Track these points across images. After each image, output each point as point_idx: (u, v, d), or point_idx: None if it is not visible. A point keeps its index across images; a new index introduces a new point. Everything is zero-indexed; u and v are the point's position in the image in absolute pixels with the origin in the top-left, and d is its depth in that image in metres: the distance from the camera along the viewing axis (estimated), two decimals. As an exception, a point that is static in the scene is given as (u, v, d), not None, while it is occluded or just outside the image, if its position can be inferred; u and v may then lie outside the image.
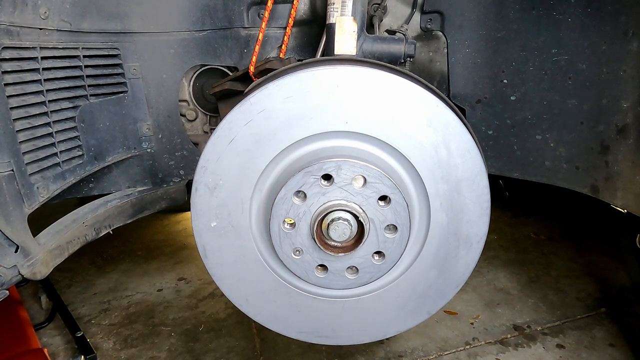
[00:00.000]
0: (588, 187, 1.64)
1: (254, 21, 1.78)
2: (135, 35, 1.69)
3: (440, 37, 1.79)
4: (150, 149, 1.85)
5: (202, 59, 1.80)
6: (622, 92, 1.48)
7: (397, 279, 1.32)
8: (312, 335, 1.41)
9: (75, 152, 1.55)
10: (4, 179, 1.22)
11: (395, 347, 2.38)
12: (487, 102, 1.78)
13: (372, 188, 1.11)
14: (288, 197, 1.13)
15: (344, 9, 1.46)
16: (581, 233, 3.43)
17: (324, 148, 1.18)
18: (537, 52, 1.63)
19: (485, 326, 2.52)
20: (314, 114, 1.15)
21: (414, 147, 1.17)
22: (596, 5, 1.49)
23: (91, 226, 1.66)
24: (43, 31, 1.36)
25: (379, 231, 1.16)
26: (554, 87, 1.63)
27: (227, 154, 1.18)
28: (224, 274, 1.30)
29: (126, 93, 1.73)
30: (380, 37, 1.58)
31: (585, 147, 1.61)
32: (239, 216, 1.23)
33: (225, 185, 1.21)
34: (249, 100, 1.14)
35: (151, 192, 1.89)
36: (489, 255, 3.19)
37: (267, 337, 2.47)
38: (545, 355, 2.30)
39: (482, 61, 1.73)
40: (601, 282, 2.87)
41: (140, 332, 2.58)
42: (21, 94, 1.30)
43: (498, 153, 1.81)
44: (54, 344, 2.49)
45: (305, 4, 1.76)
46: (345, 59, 1.29)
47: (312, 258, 1.20)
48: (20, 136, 1.29)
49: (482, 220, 1.25)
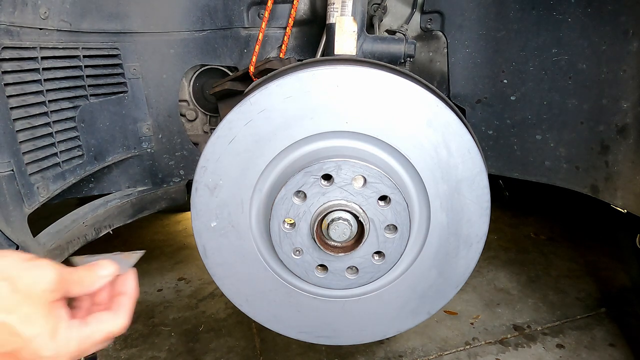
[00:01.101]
0: (588, 187, 1.64)
1: (254, 21, 1.77)
2: (135, 35, 1.69)
3: (440, 37, 1.79)
4: (150, 149, 1.85)
5: (202, 59, 1.80)
6: (622, 92, 1.48)
7: (397, 279, 1.32)
8: (312, 335, 1.41)
9: (75, 152, 1.55)
10: (4, 179, 1.22)
11: (395, 347, 2.38)
12: (487, 102, 1.78)
13: (372, 188, 1.11)
14: (288, 197, 1.13)
15: (344, 9, 1.46)
16: (581, 233, 3.43)
17: (324, 148, 1.18)
18: (537, 52, 1.63)
19: (485, 326, 2.52)
20: (314, 114, 1.15)
21: (414, 147, 1.17)
22: (596, 5, 1.49)
23: (91, 226, 1.66)
24: (43, 31, 1.36)
25: (379, 231, 1.16)
26: (554, 87, 1.63)
27: (227, 154, 1.18)
28: (224, 274, 1.30)
29: (126, 93, 1.73)
30: (380, 37, 1.58)
31: (585, 147, 1.61)
32: (239, 216, 1.23)
33: (225, 185, 1.21)
34: (249, 100, 1.14)
35: (151, 192, 1.89)
36: (489, 255, 3.19)
37: (267, 337, 2.47)
38: (545, 355, 2.30)
39: (482, 61, 1.73)
40: (601, 282, 2.87)
41: (140, 332, 2.58)
42: (21, 94, 1.29)
43: (498, 153, 1.81)
44: (54, 344, 2.49)
45: (305, 4, 1.76)
46: (345, 59, 1.29)
47: (312, 258, 1.20)
48: (20, 136, 1.29)
49: (482, 220, 1.25)
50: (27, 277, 0.67)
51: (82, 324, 0.73)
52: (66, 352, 0.70)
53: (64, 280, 0.71)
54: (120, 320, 0.79)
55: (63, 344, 0.69)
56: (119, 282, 0.84)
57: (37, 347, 0.66)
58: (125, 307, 0.81)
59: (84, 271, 0.78)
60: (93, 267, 0.80)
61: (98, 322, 0.75)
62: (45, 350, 0.67)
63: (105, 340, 0.77)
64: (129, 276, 0.86)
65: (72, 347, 0.70)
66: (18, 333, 0.64)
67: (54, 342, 0.68)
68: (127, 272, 0.87)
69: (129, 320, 0.80)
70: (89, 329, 0.74)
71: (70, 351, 0.70)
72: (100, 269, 0.80)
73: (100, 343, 0.76)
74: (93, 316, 0.76)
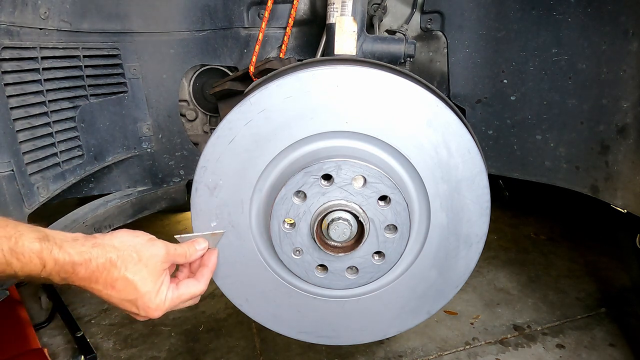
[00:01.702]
0: (588, 187, 1.64)
1: (254, 21, 1.77)
2: (135, 35, 1.69)
3: (440, 37, 1.79)
4: (150, 149, 1.85)
5: (202, 59, 1.80)
6: (622, 92, 1.48)
7: (397, 279, 1.32)
8: (312, 335, 1.41)
9: (75, 152, 1.55)
10: (4, 179, 1.22)
11: (395, 347, 2.38)
12: (487, 102, 1.78)
13: (372, 188, 1.11)
14: (288, 197, 1.13)
15: (344, 9, 1.46)
16: (581, 233, 3.43)
17: (324, 148, 1.18)
18: (537, 52, 1.63)
19: (485, 326, 2.52)
20: (314, 114, 1.15)
21: (414, 147, 1.17)
22: (596, 5, 1.49)
23: (91, 226, 1.66)
24: (43, 31, 1.36)
25: (379, 231, 1.16)
26: (554, 87, 1.63)
27: (227, 154, 1.18)
28: (224, 274, 1.30)
29: (126, 93, 1.73)
30: (380, 37, 1.57)
31: (585, 147, 1.61)
32: (239, 216, 1.23)
33: (225, 185, 1.21)
34: (249, 100, 1.14)
35: (151, 192, 1.89)
36: (489, 255, 3.19)
37: (267, 337, 2.47)
38: (545, 355, 2.31)
39: (482, 61, 1.73)
40: (601, 282, 2.87)
41: (140, 332, 2.58)
42: (21, 94, 1.30)
43: (498, 153, 1.81)
44: (54, 344, 2.49)
45: (305, 4, 1.76)
46: (346, 59, 1.29)
47: (312, 258, 1.20)
48: (20, 136, 1.29)
49: (482, 220, 1.25)
50: (148, 252, 0.98)
51: (176, 288, 1.04)
52: (163, 306, 1.01)
53: (171, 255, 1.03)
54: (201, 286, 1.09)
55: (162, 300, 1.00)
56: (205, 256, 1.14)
57: (147, 299, 0.98)
58: (206, 277, 1.12)
59: (186, 247, 1.09)
60: (192, 244, 1.11)
61: (186, 287, 1.07)
62: (151, 302, 0.99)
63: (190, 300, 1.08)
64: (213, 252, 1.16)
65: (168, 302, 1.02)
66: (137, 289, 0.96)
67: (157, 297, 0.99)
68: (213, 249, 1.16)
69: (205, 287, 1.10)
70: (180, 291, 1.05)
71: (167, 306, 1.02)
72: (197, 244, 1.12)
73: (187, 302, 1.08)
74: (182, 282, 1.07)
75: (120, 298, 0.96)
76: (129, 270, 0.95)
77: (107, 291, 0.94)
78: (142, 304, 0.98)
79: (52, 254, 0.86)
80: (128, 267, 0.95)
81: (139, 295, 0.96)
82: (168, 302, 1.02)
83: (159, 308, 1.00)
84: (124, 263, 0.94)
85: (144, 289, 0.97)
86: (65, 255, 0.88)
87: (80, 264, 0.89)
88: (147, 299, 0.97)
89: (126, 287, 0.95)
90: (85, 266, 0.90)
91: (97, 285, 0.93)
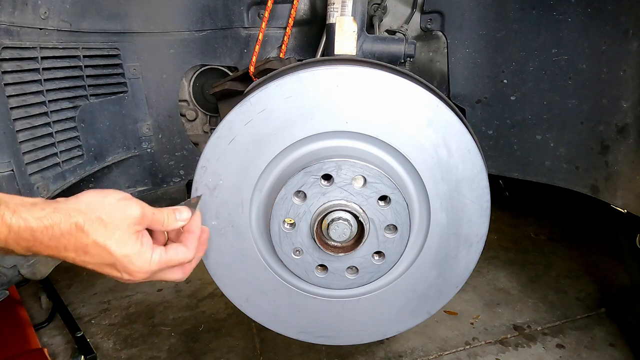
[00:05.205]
0: (588, 187, 1.64)
1: (254, 21, 1.77)
2: (135, 35, 1.69)
3: (440, 37, 1.79)
4: (150, 149, 1.85)
5: (202, 59, 1.80)
6: (622, 92, 1.48)
7: (397, 279, 1.32)
8: (312, 335, 1.41)
9: (75, 152, 1.55)
10: (4, 179, 1.22)
11: (395, 347, 2.38)
12: (487, 102, 1.78)
13: (372, 188, 1.12)
14: (288, 197, 1.13)
15: (344, 9, 1.46)
16: (581, 233, 3.43)
17: (324, 148, 1.18)
18: (537, 52, 1.63)
19: (485, 326, 2.52)
20: (314, 113, 1.15)
21: (414, 147, 1.17)
22: (596, 5, 1.49)
23: (91, 226, 1.65)
24: (43, 31, 1.36)
25: (379, 231, 1.16)
26: (554, 87, 1.63)
27: (227, 154, 1.18)
28: (224, 274, 1.30)
29: (126, 93, 1.73)
30: (380, 37, 1.57)
31: (585, 147, 1.61)
32: (239, 216, 1.23)
33: (225, 185, 1.21)
34: (249, 100, 1.14)
35: (151, 192, 1.89)
36: (489, 255, 3.19)
37: (267, 337, 2.47)
38: (545, 355, 2.31)
39: (482, 61, 1.73)
40: (601, 282, 2.87)
41: (140, 332, 2.58)
42: (21, 94, 1.29)
43: (498, 153, 1.81)
44: (54, 344, 2.49)
45: (305, 4, 1.75)
46: (346, 59, 1.29)
47: (312, 258, 1.20)
48: (20, 136, 1.29)
49: (482, 220, 1.25)
50: (119, 213, 0.90)
51: (164, 251, 0.96)
52: (148, 269, 0.93)
53: (146, 217, 0.94)
54: (190, 254, 1.01)
55: (146, 261, 0.92)
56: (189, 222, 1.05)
57: (127, 262, 0.90)
58: (193, 244, 1.03)
59: (165, 213, 1.00)
60: (173, 212, 1.02)
61: (175, 251, 0.98)
62: (132, 265, 0.91)
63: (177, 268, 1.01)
64: (197, 216, 1.08)
65: (154, 266, 0.94)
66: (112, 253, 0.88)
67: (140, 259, 0.91)
68: (196, 213, 1.07)
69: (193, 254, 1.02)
70: (168, 255, 0.96)
71: (152, 269, 0.94)
72: (179, 213, 1.02)
73: (174, 270, 1.01)
74: (171, 246, 0.99)
75: (97, 263, 0.90)
76: (99, 234, 0.87)
77: (82, 258, 0.88)
78: (122, 266, 0.91)
79: (4, 219, 0.79)
80: (97, 230, 0.87)
81: (116, 259, 0.89)
82: (155, 265, 0.94)
83: (143, 270, 0.92)
84: (92, 227, 0.86)
85: (121, 252, 0.89)
86: (20, 220, 0.80)
87: (39, 230, 0.81)
88: (126, 261, 0.90)
89: (100, 253, 0.88)
90: (47, 233, 0.82)
91: (68, 253, 0.86)
